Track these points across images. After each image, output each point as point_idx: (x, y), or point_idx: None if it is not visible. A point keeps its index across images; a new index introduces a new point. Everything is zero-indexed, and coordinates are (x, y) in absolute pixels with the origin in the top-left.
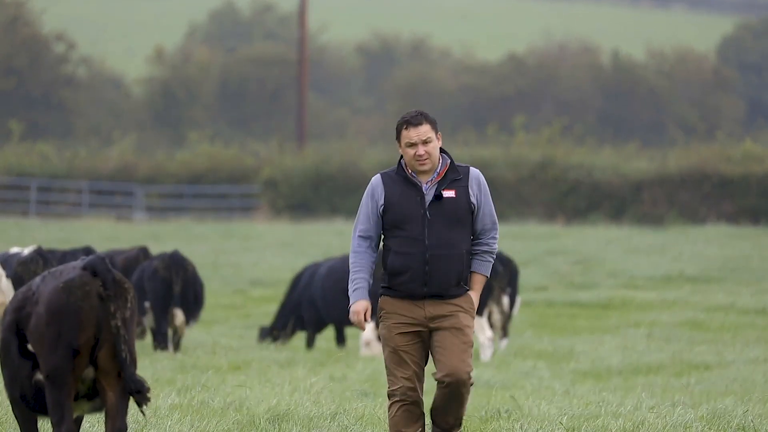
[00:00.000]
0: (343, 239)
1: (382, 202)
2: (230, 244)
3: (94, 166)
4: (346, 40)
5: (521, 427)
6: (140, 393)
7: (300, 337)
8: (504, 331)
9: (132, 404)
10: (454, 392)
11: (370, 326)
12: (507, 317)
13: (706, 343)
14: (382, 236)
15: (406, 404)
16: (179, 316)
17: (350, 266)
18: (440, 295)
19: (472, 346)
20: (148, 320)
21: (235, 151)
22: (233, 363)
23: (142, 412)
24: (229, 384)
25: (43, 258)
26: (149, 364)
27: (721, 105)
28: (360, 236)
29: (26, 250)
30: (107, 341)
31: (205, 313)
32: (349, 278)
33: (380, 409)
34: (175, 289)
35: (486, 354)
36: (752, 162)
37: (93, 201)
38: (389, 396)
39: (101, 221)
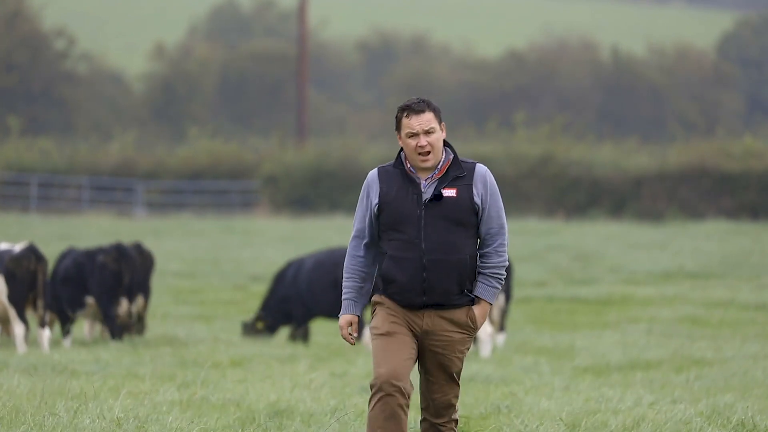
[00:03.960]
0: (343, 235)
1: (376, 200)
2: (230, 239)
3: (94, 161)
4: (346, 35)
5: (521, 423)
6: None
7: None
8: (500, 326)
9: (135, 399)
10: (435, 428)
11: None
12: (503, 312)
13: (706, 339)
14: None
15: (386, 396)
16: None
17: (344, 271)
18: (441, 305)
19: (460, 371)
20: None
21: (236, 146)
22: (233, 359)
23: None
24: (230, 380)
25: (35, 254)
26: (149, 360)
27: (720, 101)
28: (355, 236)
29: (17, 246)
30: None
31: (205, 309)
32: (343, 285)
33: None
34: (125, 281)
35: (485, 350)
36: (752, 158)
37: (93, 197)
38: (371, 388)
39: (101, 217)
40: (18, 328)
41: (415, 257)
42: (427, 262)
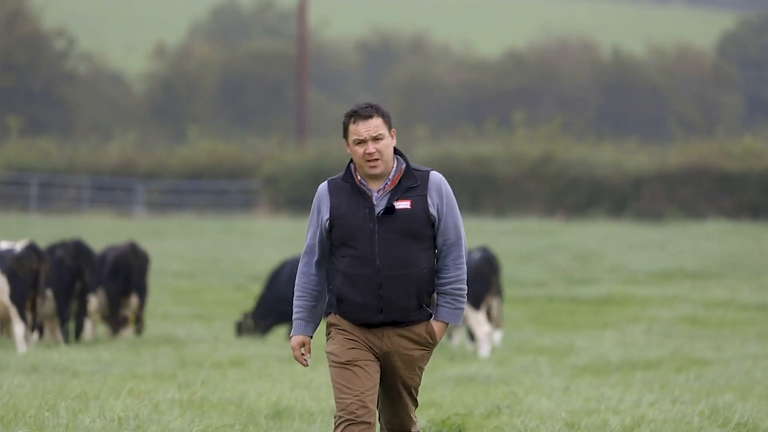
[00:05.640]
0: None
1: (327, 215)
2: (230, 239)
3: (94, 161)
4: (346, 35)
5: (522, 423)
6: None
7: None
8: (497, 324)
9: (135, 399)
10: None
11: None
12: (498, 310)
13: (706, 339)
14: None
15: (353, 424)
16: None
17: (295, 289)
18: (399, 322)
19: (418, 387)
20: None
21: (236, 146)
22: (234, 358)
23: None
24: (230, 379)
25: (37, 253)
26: (150, 360)
27: (720, 101)
28: (306, 253)
29: (18, 245)
30: None
31: (205, 309)
32: (293, 304)
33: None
34: (86, 278)
35: (484, 349)
36: (752, 158)
37: (93, 197)
38: (335, 420)
39: (102, 217)
40: (18, 328)
41: (370, 274)
42: (383, 279)
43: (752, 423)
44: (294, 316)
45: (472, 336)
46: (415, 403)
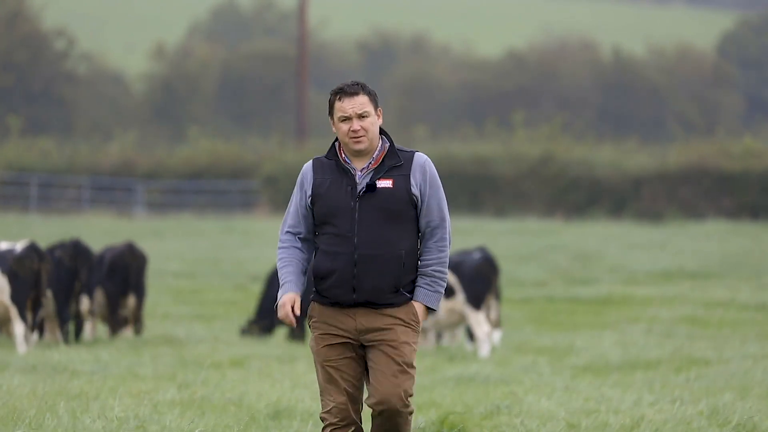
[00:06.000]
0: None
1: (310, 192)
2: (230, 239)
3: (94, 161)
4: (346, 35)
5: (522, 423)
6: None
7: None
8: (496, 324)
9: (135, 399)
10: (387, 422)
11: None
12: (496, 311)
13: (706, 339)
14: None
15: (338, 428)
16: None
17: (277, 263)
18: (373, 303)
19: (413, 366)
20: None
21: (236, 146)
22: (234, 359)
23: None
24: (230, 380)
25: (38, 253)
26: (149, 360)
27: (720, 101)
28: (288, 231)
29: (18, 245)
30: None
31: (205, 309)
32: (279, 276)
33: None
34: (81, 278)
35: (483, 350)
36: (752, 158)
37: (93, 197)
38: (322, 421)
39: (101, 217)
40: (18, 328)
41: (347, 252)
42: (359, 258)
43: (752, 423)
44: (282, 281)
45: (471, 336)
46: (409, 379)
